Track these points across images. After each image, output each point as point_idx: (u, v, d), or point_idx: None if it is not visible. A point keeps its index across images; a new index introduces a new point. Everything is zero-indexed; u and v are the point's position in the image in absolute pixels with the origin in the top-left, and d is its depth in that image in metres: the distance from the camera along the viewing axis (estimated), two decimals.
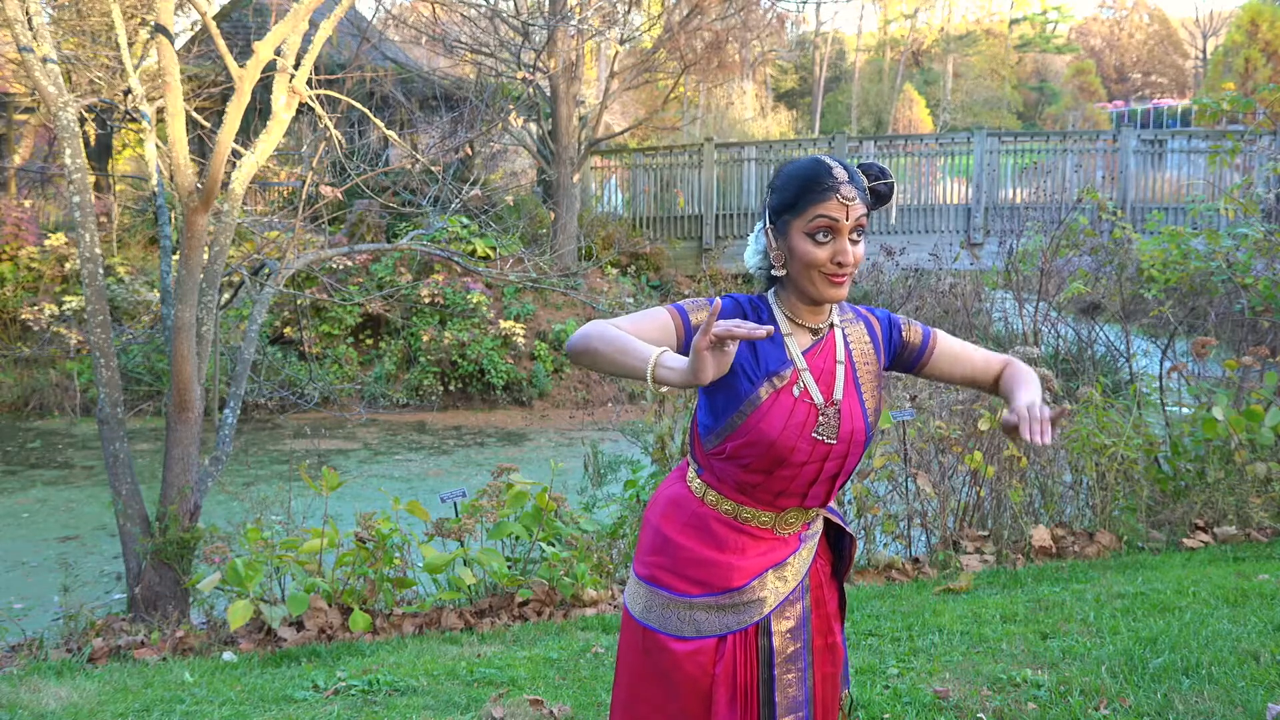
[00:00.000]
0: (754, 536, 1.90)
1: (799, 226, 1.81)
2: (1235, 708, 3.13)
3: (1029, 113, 45.69)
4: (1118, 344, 8.28)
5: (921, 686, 3.40)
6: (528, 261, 9.00)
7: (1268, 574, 4.49)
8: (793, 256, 1.83)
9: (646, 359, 1.63)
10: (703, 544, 1.90)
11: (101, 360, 5.41)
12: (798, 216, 1.81)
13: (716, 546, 1.90)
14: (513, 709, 3.39)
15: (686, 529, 1.92)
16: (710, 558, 1.89)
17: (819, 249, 1.80)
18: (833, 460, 1.88)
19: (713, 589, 1.88)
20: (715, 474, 1.91)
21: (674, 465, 5.39)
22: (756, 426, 1.83)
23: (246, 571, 4.59)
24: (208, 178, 5.31)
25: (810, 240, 1.80)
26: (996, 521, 5.49)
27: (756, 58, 17.92)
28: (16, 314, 12.29)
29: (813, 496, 1.91)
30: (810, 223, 1.80)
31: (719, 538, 1.90)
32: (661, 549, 1.94)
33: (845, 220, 1.79)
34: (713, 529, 1.90)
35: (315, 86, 6.28)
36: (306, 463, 5.57)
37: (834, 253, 1.80)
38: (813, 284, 1.83)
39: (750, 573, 1.89)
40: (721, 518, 1.90)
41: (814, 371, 1.87)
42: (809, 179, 1.81)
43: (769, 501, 1.89)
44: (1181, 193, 14.08)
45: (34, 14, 5.37)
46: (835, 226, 1.79)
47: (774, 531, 1.91)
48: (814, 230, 1.80)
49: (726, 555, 1.89)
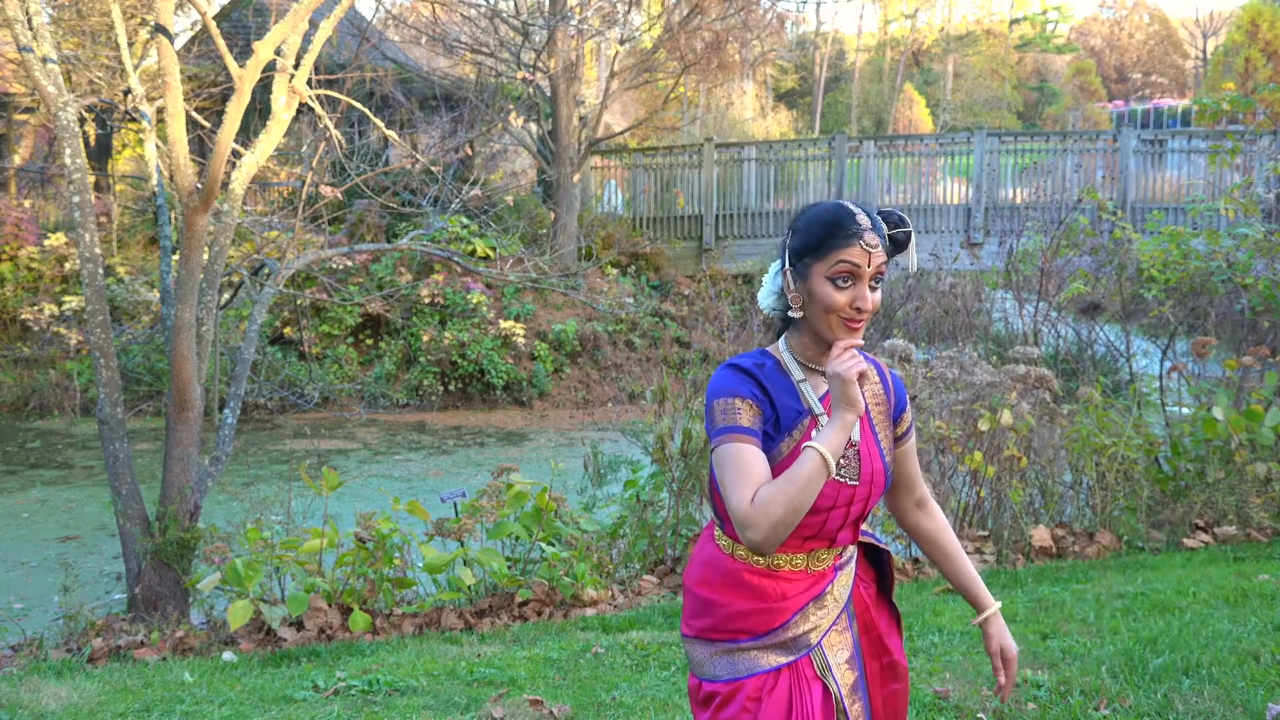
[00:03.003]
0: (790, 580, 1.92)
1: (820, 270, 1.83)
2: (1235, 708, 3.13)
3: (1029, 113, 45.68)
4: (1118, 344, 8.28)
5: (921, 686, 3.40)
6: (528, 261, 9.00)
7: (1268, 574, 4.49)
8: (812, 300, 1.85)
9: (816, 468, 1.74)
10: (741, 598, 1.92)
11: (101, 360, 5.41)
12: (820, 260, 1.83)
13: (756, 598, 1.91)
14: (513, 709, 3.39)
15: (724, 588, 1.94)
16: (750, 609, 1.92)
17: (839, 293, 1.82)
18: (857, 503, 1.90)
19: (757, 634, 1.91)
20: None
21: (673, 465, 5.42)
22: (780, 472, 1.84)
23: (246, 571, 4.59)
24: (208, 178, 5.31)
25: (831, 285, 1.82)
26: (996, 521, 5.49)
27: (756, 58, 17.93)
28: (16, 314, 12.29)
29: (840, 540, 1.93)
30: (833, 267, 1.81)
31: (755, 589, 1.92)
32: (703, 611, 1.96)
33: (867, 267, 1.81)
34: (748, 582, 1.92)
35: (315, 86, 6.28)
36: (306, 463, 5.57)
37: (854, 298, 1.82)
38: (829, 328, 1.84)
39: (790, 610, 1.91)
40: (754, 569, 1.92)
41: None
42: (834, 224, 1.82)
43: (797, 546, 1.90)
44: (1181, 193, 14.07)
45: (34, 14, 5.37)
46: (857, 272, 1.81)
47: (807, 571, 1.92)
48: (836, 275, 1.81)
49: (766, 603, 1.91)
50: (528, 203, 14.99)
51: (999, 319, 10.79)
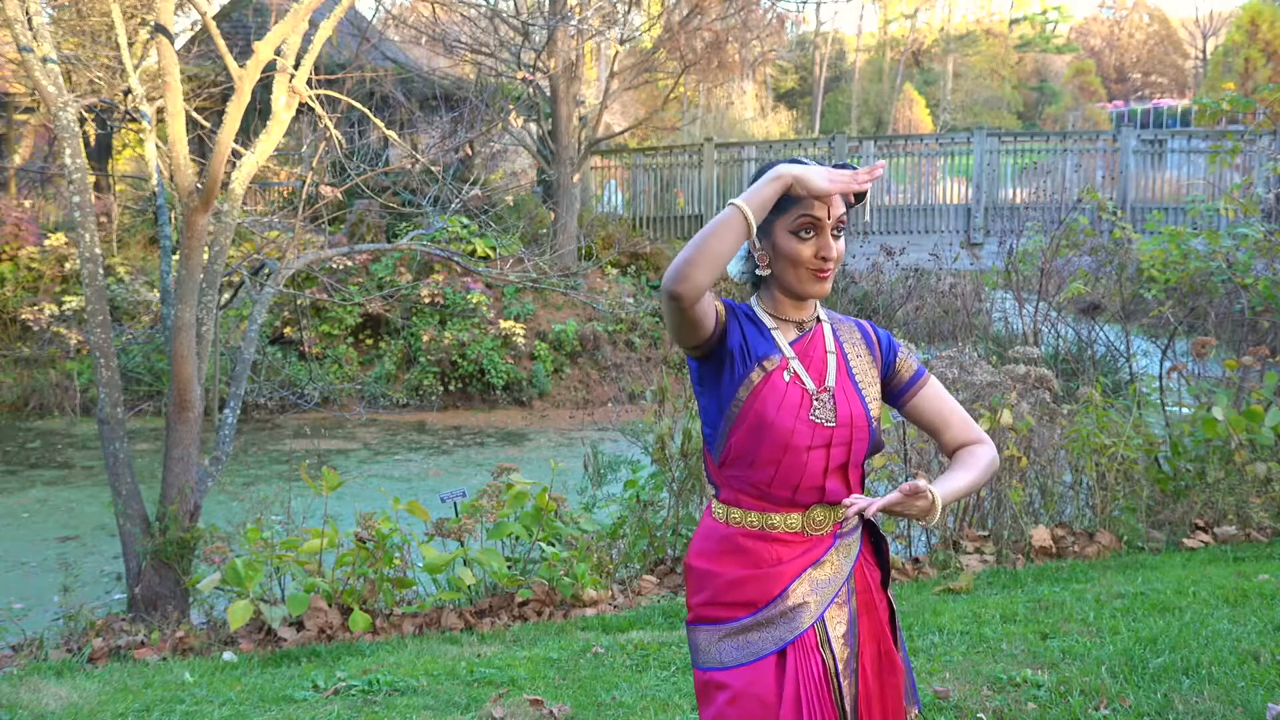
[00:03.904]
0: (785, 543, 1.92)
1: (783, 225, 1.90)
2: (1235, 708, 3.13)
3: (1029, 113, 45.66)
4: (1118, 344, 8.28)
5: (921, 686, 3.40)
6: (528, 261, 8.99)
7: (1268, 574, 4.49)
8: (777, 255, 1.93)
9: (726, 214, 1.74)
10: (737, 564, 1.93)
11: (101, 360, 5.41)
12: (782, 215, 1.89)
13: (751, 564, 1.92)
14: (513, 709, 3.39)
15: (719, 555, 1.95)
16: (746, 575, 1.92)
17: (804, 245, 1.89)
18: (837, 447, 1.91)
19: (756, 605, 1.91)
20: (732, 487, 1.95)
21: (673, 465, 5.42)
22: (752, 408, 1.89)
23: (246, 571, 4.59)
24: (208, 178, 5.31)
25: (795, 238, 1.89)
26: (996, 521, 5.49)
27: (756, 58, 17.93)
28: (16, 314, 12.29)
29: (831, 490, 1.92)
30: (795, 220, 1.88)
31: (751, 554, 1.92)
32: (700, 586, 1.97)
33: (827, 217, 1.88)
34: (743, 546, 1.93)
35: (315, 86, 6.28)
36: (306, 463, 5.57)
37: (818, 248, 1.90)
38: (799, 280, 1.92)
39: (789, 576, 1.90)
40: (750, 533, 1.93)
41: (802, 360, 1.94)
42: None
43: (789, 499, 1.91)
44: (1181, 193, 14.07)
45: (34, 14, 5.37)
46: (818, 224, 1.88)
47: (804, 533, 1.93)
48: (798, 228, 1.89)
49: (763, 569, 1.91)
50: (528, 203, 14.99)
51: (999, 319, 10.79)
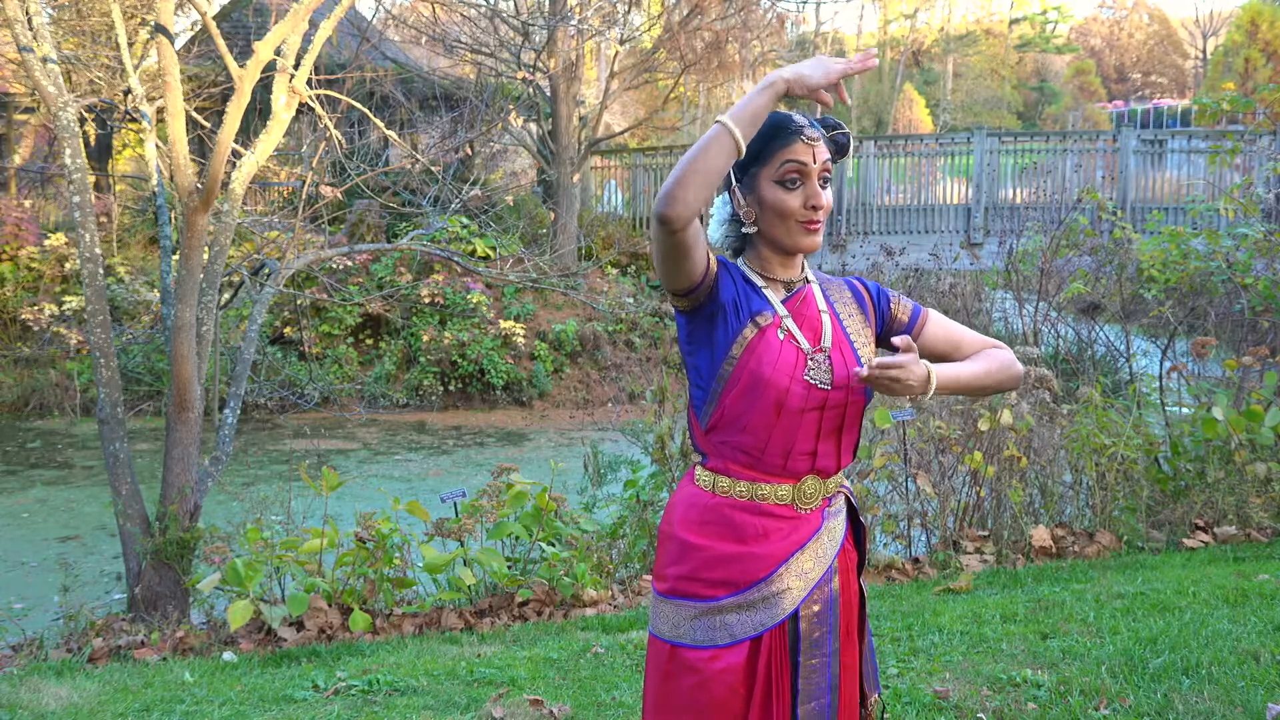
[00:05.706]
0: (775, 517, 1.83)
1: (768, 176, 1.83)
2: (1235, 708, 3.13)
3: (1029, 113, 45.65)
4: (1118, 344, 8.28)
5: (921, 686, 3.40)
6: (528, 261, 8.99)
7: (1268, 574, 4.49)
8: (764, 208, 1.85)
9: (714, 132, 1.67)
10: (722, 539, 1.84)
11: (101, 360, 5.41)
12: (765, 165, 1.83)
13: (737, 538, 1.83)
14: (513, 709, 3.39)
15: (703, 527, 1.85)
16: (732, 552, 1.83)
17: (790, 195, 1.82)
18: (831, 410, 1.84)
19: (739, 586, 1.82)
20: (720, 454, 1.86)
21: (674, 465, 5.41)
22: (746, 366, 1.81)
23: (246, 571, 4.59)
24: (208, 178, 5.31)
25: (781, 188, 1.83)
26: (996, 521, 5.49)
27: (756, 58, 17.89)
28: (16, 314, 12.28)
29: (823, 455, 1.86)
30: (780, 169, 1.82)
31: (738, 527, 1.83)
32: (680, 557, 1.86)
33: (813, 163, 1.82)
34: (730, 518, 1.84)
35: (315, 86, 6.28)
36: (306, 463, 5.57)
37: (806, 197, 1.83)
38: (788, 234, 1.85)
39: (775, 559, 1.82)
40: (738, 503, 1.84)
41: (795, 318, 1.87)
42: (772, 127, 1.83)
43: (780, 467, 1.83)
44: (1181, 193, 14.07)
45: (34, 14, 5.37)
46: (804, 170, 1.82)
47: (794, 508, 1.85)
48: (784, 177, 1.82)
49: (749, 545, 1.82)
50: (528, 203, 14.99)
51: (999, 319, 10.78)
